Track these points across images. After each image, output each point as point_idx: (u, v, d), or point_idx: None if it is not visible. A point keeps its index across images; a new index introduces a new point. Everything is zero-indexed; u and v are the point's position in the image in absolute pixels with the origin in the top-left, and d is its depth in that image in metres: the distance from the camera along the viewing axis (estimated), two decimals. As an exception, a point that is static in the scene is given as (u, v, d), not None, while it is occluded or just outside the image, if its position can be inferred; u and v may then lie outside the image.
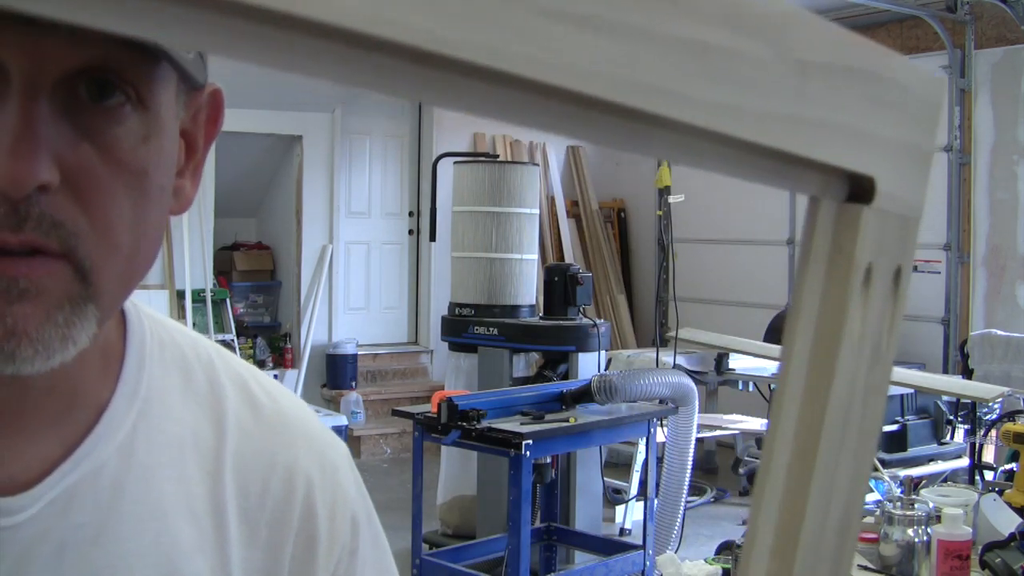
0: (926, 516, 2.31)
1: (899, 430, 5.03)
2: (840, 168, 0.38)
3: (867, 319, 0.41)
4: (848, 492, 0.42)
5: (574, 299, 5.21)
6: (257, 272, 8.40)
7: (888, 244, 0.40)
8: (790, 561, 0.41)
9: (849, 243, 0.40)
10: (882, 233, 0.40)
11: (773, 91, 0.32)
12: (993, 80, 7.00)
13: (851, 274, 0.40)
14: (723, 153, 0.32)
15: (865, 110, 0.36)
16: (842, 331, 0.40)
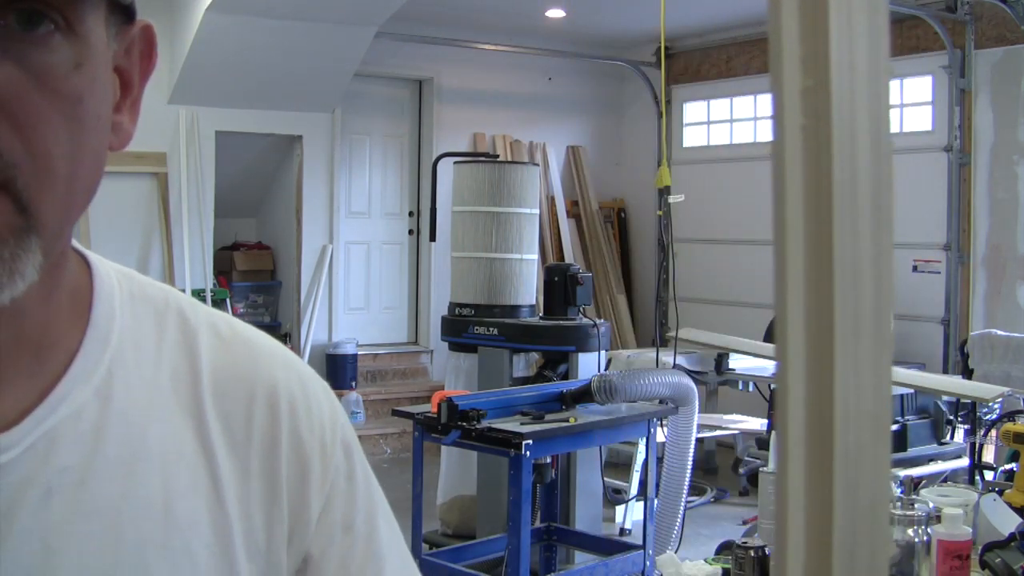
0: (926, 516, 2.31)
1: (899, 430, 5.03)
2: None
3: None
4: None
5: (574, 299, 5.21)
6: (257, 272, 8.40)
7: None
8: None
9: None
10: None
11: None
12: (993, 80, 7.00)
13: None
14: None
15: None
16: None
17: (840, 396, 0.46)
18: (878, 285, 0.48)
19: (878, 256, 0.48)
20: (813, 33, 0.46)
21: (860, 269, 0.47)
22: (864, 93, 0.47)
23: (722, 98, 8.99)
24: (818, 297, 0.47)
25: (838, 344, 0.47)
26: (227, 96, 7.47)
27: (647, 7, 7.57)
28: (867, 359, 0.47)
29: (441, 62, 8.67)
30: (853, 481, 0.47)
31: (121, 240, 7.30)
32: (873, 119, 0.47)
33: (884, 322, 0.48)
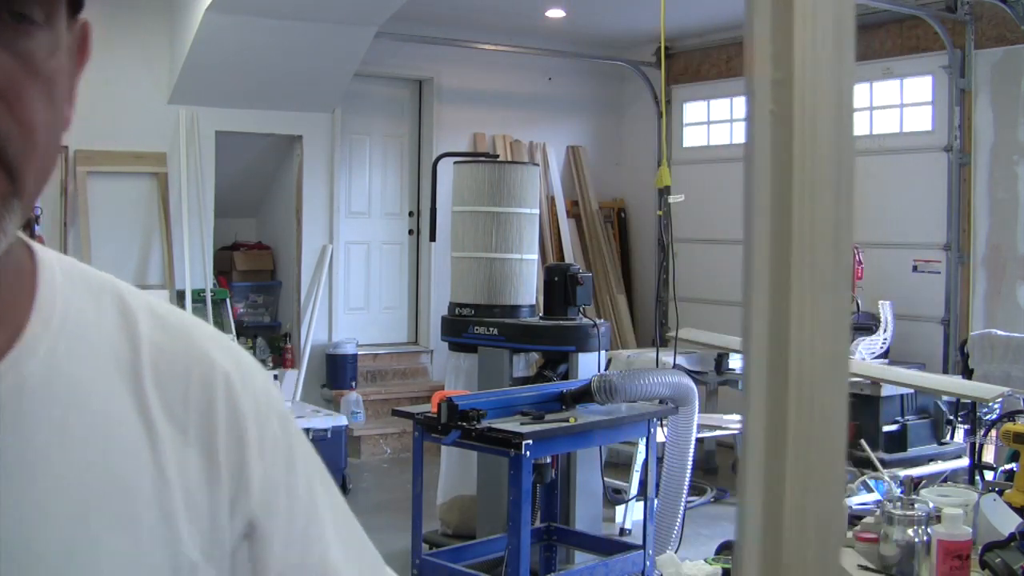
0: (926, 516, 2.31)
1: (899, 430, 5.03)
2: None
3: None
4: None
5: (574, 299, 5.21)
6: (257, 272, 8.39)
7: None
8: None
9: None
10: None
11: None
12: (993, 80, 6.99)
13: None
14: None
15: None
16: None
17: (796, 345, 0.54)
18: (838, 249, 0.57)
19: (838, 223, 0.57)
20: (782, 33, 0.55)
21: (819, 233, 0.56)
22: (827, 84, 0.56)
23: (722, 98, 8.99)
24: (779, 259, 0.56)
25: (794, 303, 0.54)
26: (227, 96, 7.46)
27: (647, 7, 7.57)
28: (826, 318, 0.55)
29: (441, 62, 8.67)
30: (806, 431, 0.54)
31: (121, 240, 7.30)
32: (835, 106, 0.56)
33: (843, 284, 0.57)
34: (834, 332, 0.55)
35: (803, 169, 0.55)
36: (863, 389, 5.04)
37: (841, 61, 0.56)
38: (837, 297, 0.55)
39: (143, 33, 7.31)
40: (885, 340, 6.18)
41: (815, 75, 0.56)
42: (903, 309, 6.80)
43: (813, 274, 0.55)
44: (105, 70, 7.22)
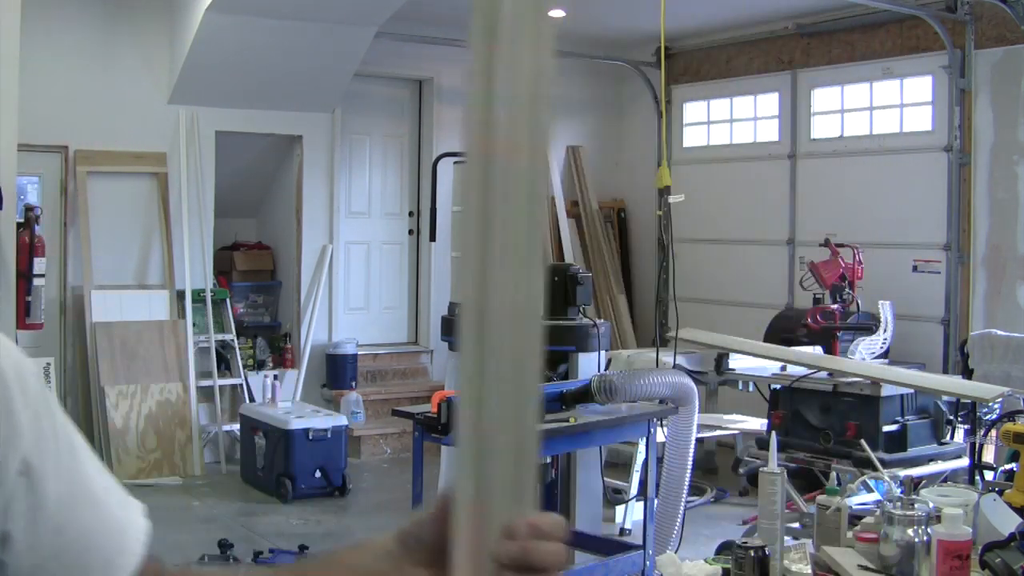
0: (926, 516, 2.31)
1: (899, 430, 5.02)
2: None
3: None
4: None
5: (574, 299, 5.20)
6: (257, 272, 8.39)
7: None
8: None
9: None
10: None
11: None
12: (993, 80, 6.99)
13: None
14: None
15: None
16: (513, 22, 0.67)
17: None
18: (531, 217, 0.78)
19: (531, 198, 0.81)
20: (487, 67, 0.78)
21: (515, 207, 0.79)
22: (524, 109, 0.80)
23: (722, 98, 8.99)
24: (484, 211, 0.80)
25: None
26: (227, 96, 7.46)
27: (647, 7, 7.57)
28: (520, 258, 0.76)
29: (441, 62, 8.67)
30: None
31: (121, 240, 7.30)
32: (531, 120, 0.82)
33: (535, 240, 0.78)
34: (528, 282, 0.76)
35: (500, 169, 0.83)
36: (863, 389, 5.03)
37: (537, 88, 0.80)
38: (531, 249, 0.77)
39: (143, 33, 7.31)
40: (885, 340, 6.18)
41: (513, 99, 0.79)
42: (903, 309, 6.80)
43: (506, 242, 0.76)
44: (105, 70, 7.23)
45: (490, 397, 0.75)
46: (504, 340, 0.72)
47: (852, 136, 7.97)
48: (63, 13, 7.07)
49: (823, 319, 6.02)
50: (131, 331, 7.08)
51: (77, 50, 7.13)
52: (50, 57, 6.94)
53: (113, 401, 6.87)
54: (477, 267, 0.71)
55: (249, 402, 7.40)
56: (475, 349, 0.75)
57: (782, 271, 8.31)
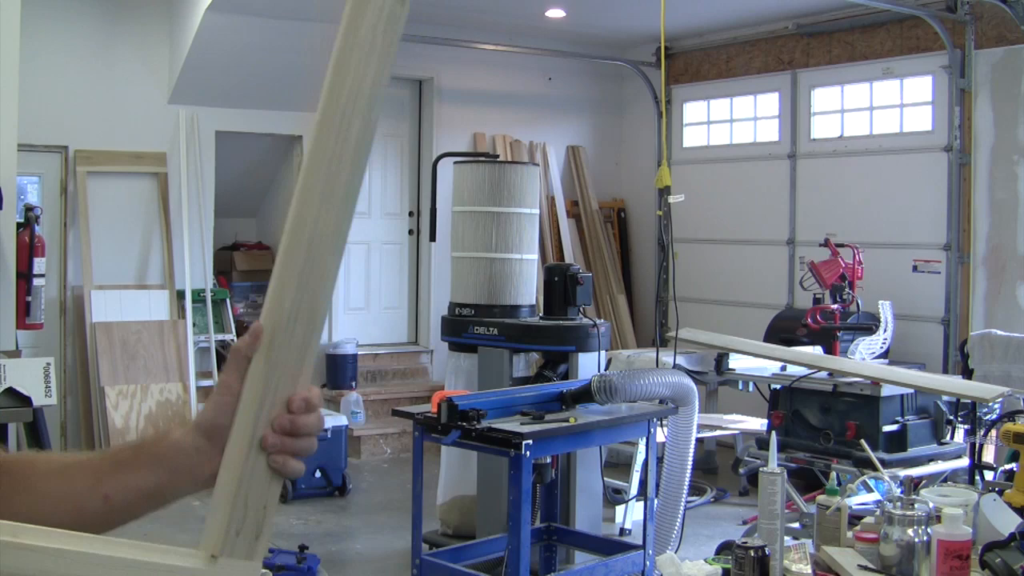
0: (926, 516, 2.31)
1: (899, 430, 5.02)
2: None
3: (372, 23, 0.95)
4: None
5: (574, 299, 5.20)
6: (257, 272, 8.40)
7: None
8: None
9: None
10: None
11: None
12: (993, 80, 6.99)
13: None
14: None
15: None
16: (354, 31, 0.96)
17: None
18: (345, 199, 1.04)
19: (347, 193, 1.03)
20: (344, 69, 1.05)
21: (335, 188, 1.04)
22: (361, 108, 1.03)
23: (722, 98, 8.99)
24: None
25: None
26: (227, 96, 7.46)
27: (647, 7, 7.57)
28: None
29: (441, 62, 8.67)
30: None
31: (121, 240, 7.30)
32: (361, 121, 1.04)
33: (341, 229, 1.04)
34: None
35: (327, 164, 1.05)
36: (863, 389, 5.03)
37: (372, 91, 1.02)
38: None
39: (143, 33, 7.31)
40: (885, 340, 6.18)
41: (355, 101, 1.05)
42: (903, 309, 6.80)
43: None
44: (105, 70, 7.23)
45: (287, 296, 1.02)
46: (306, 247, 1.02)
47: (852, 136, 7.97)
48: (63, 13, 7.07)
49: (823, 319, 6.02)
50: (131, 331, 7.08)
51: (77, 50, 7.14)
52: (50, 57, 6.94)
53: (113, 401, 6.87)
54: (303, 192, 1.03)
55: (249, 402, 7.39)
56: (283, 259, 1.02)
57: (782, 271, 8.31)
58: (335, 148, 1.00)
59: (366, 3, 0.97)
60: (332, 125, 0.99)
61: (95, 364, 6.95)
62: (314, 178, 1.01)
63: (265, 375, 1.02)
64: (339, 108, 1.00)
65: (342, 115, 0.99)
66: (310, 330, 1.03)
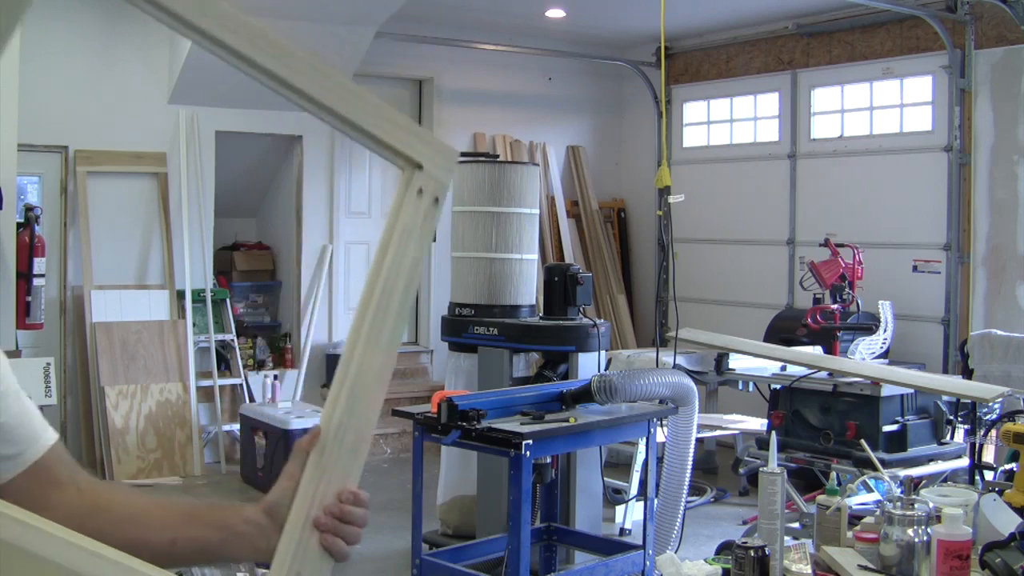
0: (926, 516, 2.31)
1: (899, 430, 5.02)
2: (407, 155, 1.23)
3: (412, 216, 1.22)
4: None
5: (574, 299, 5.20)
6: (257, 272, 8.39)
7: (430, 185, 1.22)
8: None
9: (413, 180, 1.23)
10: (427, 180, 1.22)
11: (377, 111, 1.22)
12: (993, 80, 6.99)
13: (411, 190, 1.22)
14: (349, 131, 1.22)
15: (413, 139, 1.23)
16: (399, 220, 1.22)
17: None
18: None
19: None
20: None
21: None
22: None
23: (722, 98, 8.99)
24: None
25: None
26: (227, 96, 7.46)
27: (647, 7, 7.57)
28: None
29: (441, 62, 8.67)
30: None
31: (121, 240, 7.30)
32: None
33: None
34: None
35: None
36: (863, 389, 5.03)
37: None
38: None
39: (143, 33, 7.31)
40: (885, 340, 6.18)
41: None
42: (903, 309, 6.80)
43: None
44: (105, 70, 7.23)
45: (338, 411, 1.20)
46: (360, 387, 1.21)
47: (852, 136, 7.97)
48: (63, 13, 7.07)
49: (823, 319, 6.02)
50: (131, 331, 7.08)
51: (77, 50, 7.13)
52: (50, 57, 6.94)
53: (113, 401, 6.87)
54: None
55: (249, 402, 7.40)
56: (336, 380, 1.21)
57: (782, 271, 8.32)
58: (381, 303, 1.20)
59: (406, 202, 1.21)
60: (378, 286, 1.20)
61: (95, 364, 6.95)
62: (361, 325, 1.20)
63: (320, 468, 1.20)
64: (383, 274, 1.20)
65: (385, 280, 1.20)
66: (359, 440, 1.21)
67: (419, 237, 1.21)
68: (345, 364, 1.20)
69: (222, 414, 7.42)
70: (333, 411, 1.20)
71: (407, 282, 1.21)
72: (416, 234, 1.21)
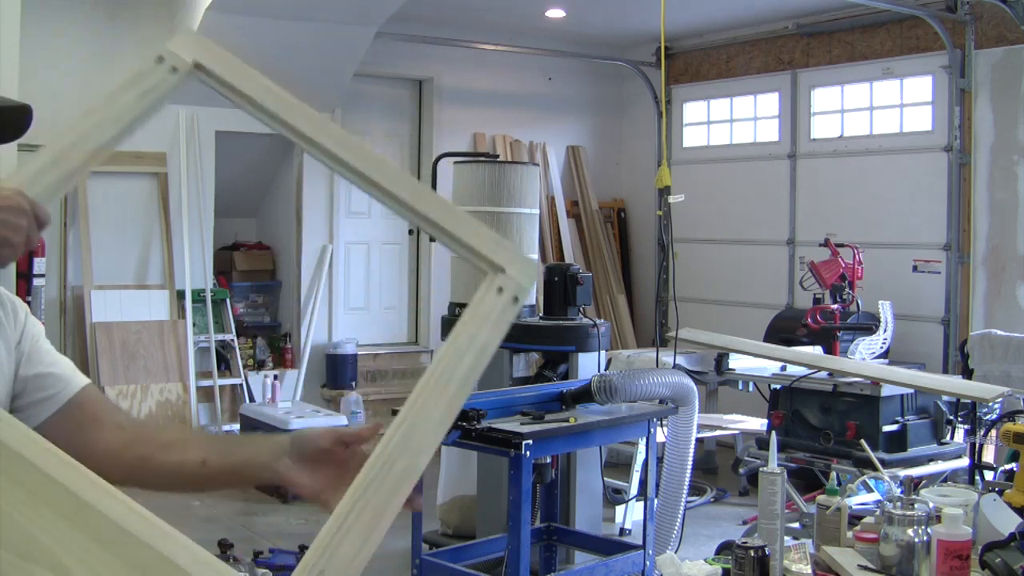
0: (926, 516, 2.31)
1: (899, 430, 5.02)
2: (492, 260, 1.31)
3: (491, 307, 1.31)
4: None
5: (574, 299, 5.20)
6: (257, 272, 8.39)
7: (511, 285, 1.31)
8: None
9: (495, 281, 1.31)
10: (508, 281, 1.31)
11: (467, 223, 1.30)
12: (993, 80, 6.99)
13: (492, 287, 1.31)
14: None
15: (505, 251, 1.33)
16: (478, 309, 1.31)
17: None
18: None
19: None
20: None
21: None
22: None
23: (722, 98, 8.99)
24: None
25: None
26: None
27: (647, 7, 7.57)
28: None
29: (441, 62, 8.67)
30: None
31: (121, 240, 7.30)
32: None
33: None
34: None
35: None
36: (863, 389, 5.03)
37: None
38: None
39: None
40: (885, 340, 6.18)
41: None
42: (903, 309, 6.80)
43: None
44: (105, 70, 7.23)
45: (396, 438, 1.23)
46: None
47: (852, 136, 7.98)
48: (63, 13, 7.07)
49: (823, 319, 6.02)
50: (131, 331, 7.08)
51: (77, 50, 7.14)
52: (50, 57, 6.94)
53: (113, 401, 6.88)
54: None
55: (249, 402, 7.40)
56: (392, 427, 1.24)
57: (782, 271, 8.32)
58: (448, 367, 1.28)
59: (487, 297, 1.31)
60: (448, 353, 1.28)
61: (95, 364, 6.95)
62: (428, 382, 1.26)
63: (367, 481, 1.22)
64: (455, 345, 1.29)
65: (455, 351, 1.29)
66: (408, 469, 1.22)
67: (493, 325, 1.29)
68: (408, 406, 1.25)
69: (222, 414, 7.42)
70: (392, 435, 1.23)
71: (475, 359, 1.27)
72: (491, 321, 1.29)
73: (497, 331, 1.29)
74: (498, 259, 1.31)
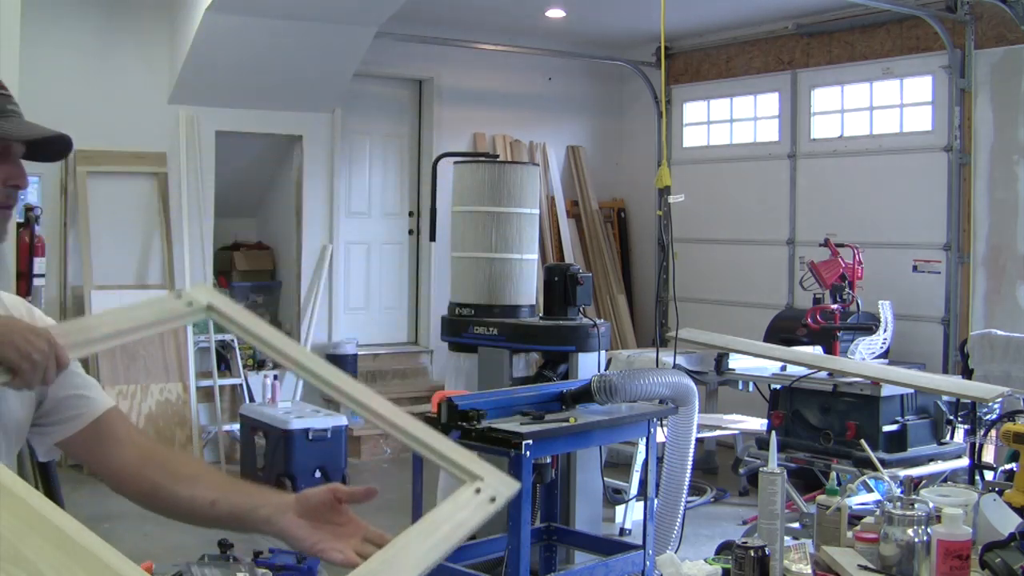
0: (926, 516, 2.31)
1: (899, 430, 5.02)
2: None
3: (468, 500, 1.38)
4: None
5: (574, 299, 5.20)
6: (257, 272, 8.40)
7: (488, 488, 1.40)
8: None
9: (474, 485, 1.41)
10: (486, 486, 1.40)
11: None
12: (993, 80, 6.99)
13: (470, 488, 1.40)
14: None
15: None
16: (457, 500, 1.40)
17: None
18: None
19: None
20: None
21: None
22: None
23: (722, 98, 8.99)
24: None
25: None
26: (227, 96, 7.46)
27: (647, 7, 7.57)
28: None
29: (441, 62, 8.67)
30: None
31: (121, 240, 7.30)
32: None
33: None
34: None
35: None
36: (863, 389, 5.03)
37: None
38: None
39: (143, 33, 7.31)
40: (885, 340, 6.18)
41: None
42: (903, 309, 6.80)
43: None
44: (105, 70, 7.23)
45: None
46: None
47: (852, 136, 7.98)
48: (63, 13, 7.07)
49: (823, 319, 6.02)
50: (131, 331, 7.07)
51: (77, 50, 7.13)
52: (50, 57, 6.94)
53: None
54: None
55: (249, 402, 7.40)
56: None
57: (782, 271, 8.32)
58: (413, 538, 1.34)
59: (464, 495, 1.38)
60: (417, 527, 1.35)
61: (95, 364, 6.95)
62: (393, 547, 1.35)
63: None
64: (426, 522, 1.36)
65: (426, 525, 1.36)
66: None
67: (471, 511, 1.35)
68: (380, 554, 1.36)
69: (222, 414, 7.42)
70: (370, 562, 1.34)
71: (435, 542, 1.31)
72: (469, 509, 1.35)
73: (473, 517, 1.35)
74: (476, 470, 1.41)
